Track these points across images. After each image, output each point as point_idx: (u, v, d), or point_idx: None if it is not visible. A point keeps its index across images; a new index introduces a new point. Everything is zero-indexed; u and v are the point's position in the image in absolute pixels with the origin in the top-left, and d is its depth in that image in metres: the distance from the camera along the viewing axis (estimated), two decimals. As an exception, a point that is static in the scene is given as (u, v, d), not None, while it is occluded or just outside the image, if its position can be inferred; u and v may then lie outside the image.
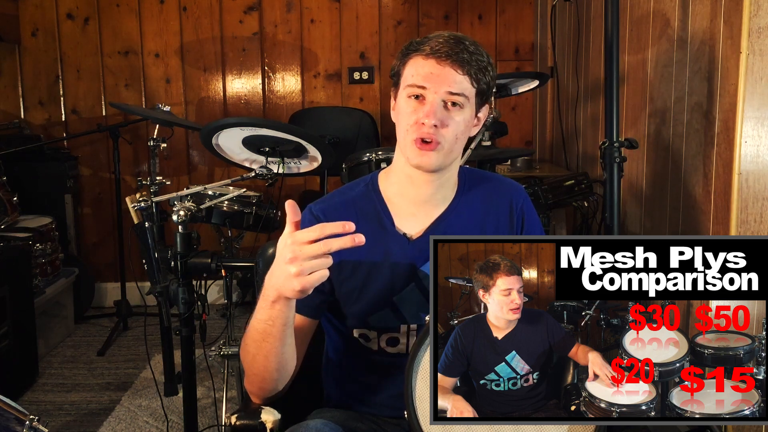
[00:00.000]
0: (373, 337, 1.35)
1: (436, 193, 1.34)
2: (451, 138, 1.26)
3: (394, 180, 1.36)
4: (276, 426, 1.23)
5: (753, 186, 1.77)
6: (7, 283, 2.72)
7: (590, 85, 3.09)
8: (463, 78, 1.25)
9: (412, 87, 1.25)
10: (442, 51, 1.24)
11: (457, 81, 1.24)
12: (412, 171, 1.31)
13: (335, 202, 1.37)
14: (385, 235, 1.33)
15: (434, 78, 1.24)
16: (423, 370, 1.13)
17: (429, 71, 1.24)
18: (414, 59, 1.26)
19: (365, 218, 1.34)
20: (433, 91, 1.24)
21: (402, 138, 1.28)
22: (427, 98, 1.24)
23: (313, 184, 3.94)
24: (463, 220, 1.35)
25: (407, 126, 1.26)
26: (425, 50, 1.25)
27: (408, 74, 1.27)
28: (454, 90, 1.24)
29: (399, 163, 1.34)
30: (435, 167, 1.28)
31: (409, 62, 1.27)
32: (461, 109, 1.26)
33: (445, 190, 1.36)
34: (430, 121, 1.23)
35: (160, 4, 3.92)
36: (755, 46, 1.71)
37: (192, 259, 2.02)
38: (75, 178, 3.88)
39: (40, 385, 2.97)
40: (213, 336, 3.05)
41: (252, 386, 1.29)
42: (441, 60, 1.23)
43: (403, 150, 1.29)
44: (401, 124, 1.28)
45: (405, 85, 1.27)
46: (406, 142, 1.27)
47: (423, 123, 1.24)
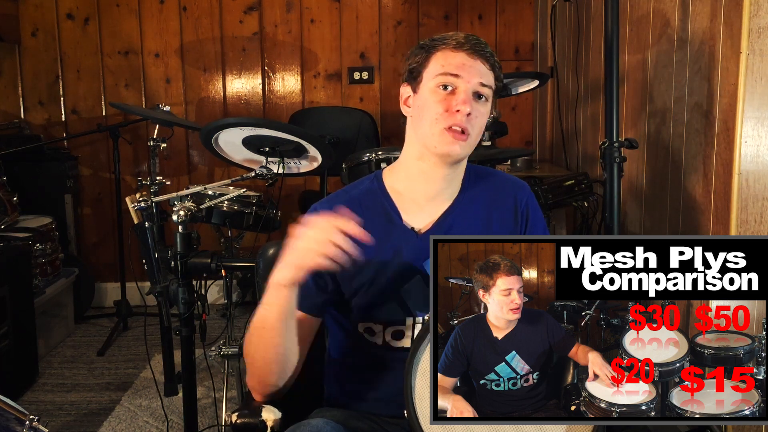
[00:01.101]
0: (379, 330, 1.35)
1: (447, 188, 1.35)
2: (478, 129, 1.29)
3: (402, 176, 1.36)
4: (277, 424, 1.23)
5: (753, 186, 1.77)
6: (7, 283, 2.72)
7: (590, 85, 3.09)
8: (490, 72, 1.28)
9: (444, 76, 1.26)
10: (470, 44, 1.26)
11: (486, 74, 1.27)
12: (426, 165, 1.32)
13: (341, 201, 1.37)
14: (393, 230, 1.34)
15: (467, 68, 1.26)
16: (423, 370, 1.13)
17: (461, 62, 1.26)
18: (442, 51, 1.28)
19: (373, 214, 1.34)
20: (467, 80, 1.25)
21: (429, 127, 1.28)
22: (459, 87, 1.26)
23: (313, 184, 3.93)
24: (470, 214, 1.36)
25: (436, 115, 1.26)
26: (452, 43, 1.27)
27: (437, 65, 1.28)
28: (484, 81, 1.27)
29: (410, 158, 1.34)
30: (461, 157, 1.30)
31: (437, 54, 1.28)
32: (486, 102, 1.29)
33: (455, 185, 1.37)
34: (466, 108, 1.24)
35: (160, 4, 3.92)
36: (755, 46, 1.71)
37: (192, 259, 2.02)
38: (75, 178, 3.88)
39: (40, 385, 2.97)
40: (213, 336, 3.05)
41: (252, 380, 1.30)
42: (471, 53, 1.26)
43: (427, 140, 1.28)
44: (428, 114, 1.28)
45: (435, 74, 1.27)
46: (434, 131, 1.27)
47: (457, 111, 1.24)
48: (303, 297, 1.29)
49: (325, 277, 1.32)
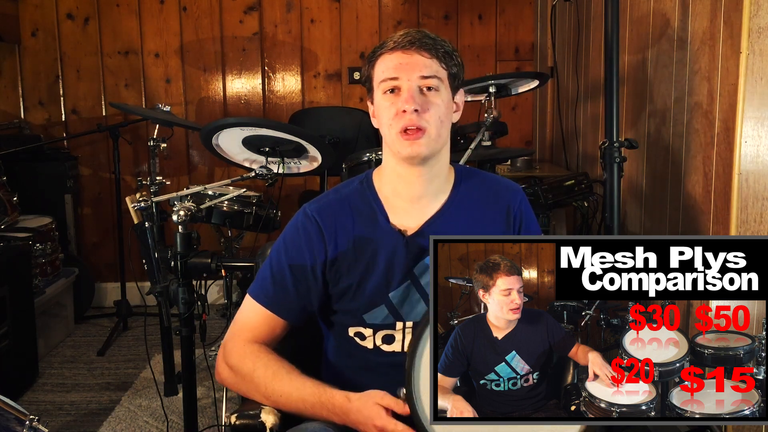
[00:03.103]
0: (369, 335, 1.34)
1: (429, 187, 1.34)
2: (435, 121, 1.27)
3: (386, 180, 1.36)
4: (276, 426, 1.23)
5: (753, 186, 1.77)
6: (7, 283, 2.72)
7: (590, 85, 3.09)
8: (432, 61, 1.27)
9: (385, 81, 1.27)
10: (405, 42, 1.26)
11: (427, 65, 1.26)
12: (402, 169, 1.31)
13: (330, 200, 1.37)
14: (381, 232, 1.33)
15: (404, 66, 1.25)
16: (424, 369, 1.13)
17: (398, 62, 1.26)
18: (381, 57, 1.28)
19: (360, 215, 1.34)
20: (407, 79, 1.25)
21: (387, 134, 1.29)
22: (402, 87, 1.26)
23: (313, 184, 3.93)
24: (460, 217, 1.35)
25: (389, 120, 1.27)
26: (389, 46, 1.27)
27: (378, 72, 1.28)
28: (425, 73, 1.26)
29: (389, 164, 1.34)
30: (426, 155, 1.28)
31: (377, 62, 1.29)
32: (438, 92, 1.27)
33: (439, 183, 1.35)
34: (410, 106, 1.24)
35: (160, 4, 3.92)
36: (755, 46, 1.71)
37: (192, 259, 2.02)
38: (75, 178, 3.88)
39: (40, 385, 2.97)
40: (213, 336, 3.06)
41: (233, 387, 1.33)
42: (406, 49, 1.26)
43: (391, 146, 1.29)
44: (383, 121, 1.29)
45: (379, 82, 1.28)
46: (392, 136, 1.27)
47: (404, 111, 1.24)
48: (281, 302, 1.30)
49: (308, 280, 1.32)
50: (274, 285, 1.33)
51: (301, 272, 1.32)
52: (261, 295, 1.34)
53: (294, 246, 1.34)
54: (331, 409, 1.20)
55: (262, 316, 1.33)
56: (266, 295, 1.33)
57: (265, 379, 1.26)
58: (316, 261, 1.32)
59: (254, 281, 1.37)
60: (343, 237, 1.33)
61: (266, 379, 1.26)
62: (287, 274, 1.33)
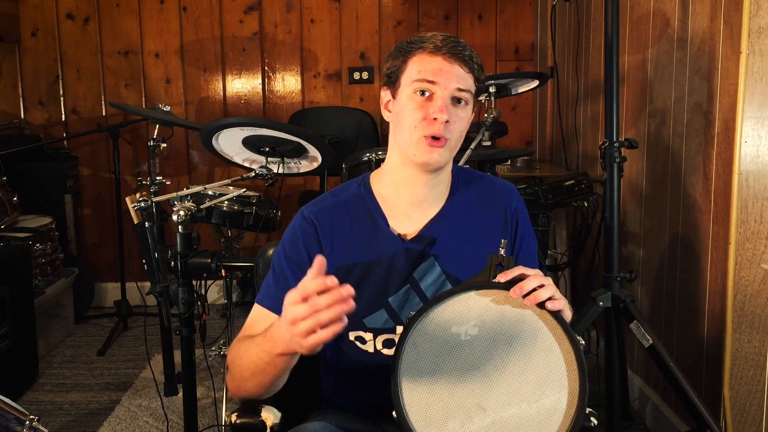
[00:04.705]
0: (369, 339, 1.34)
1: (432, 192, 1.33)
2: (457, 135, 1.26)
3: (388, 181, 1.35)
4: (276, 425, 1.23)
5: (753, 186, 1.77)
6: (7, 283, 2.72)
7: (590, 85, 3.09)
8: (469, 76, 1.25)
9: (420, 82, 1.24)
10: (448, 48, 1.23)
11: (464, 78, 1.24)
12: (409, 171, 1.30)
13: (327, 204, 1.36)
14: (380, 236, 1.32)
15: (444, 74, 1.23)
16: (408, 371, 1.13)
17: (438, 67, 1.23)
18: (419, 56, 1.25)
19: (359, 219, 1.33)
20: (443, 87, 1.23)
21: (407, 135, 1.26)
22: (436, 94, 1.24)
23: (313, 184, 3.94)
24: (458, 221, 1.35)
25: (414, 122, 1.25)
26: (429, 47, 1.24)
27: (413, 70, 1.25)
28: (462, 86, 1.24)
29: (394, 164, 1.33)
30: (441, 164, 1.27)
31: (413, 59, 1.26)
32: (466, 106, 1.27)
33: (440, 190, 1.35)
34: (443, 116, 1.22)
35: (160, 4, 3.92)
36: (755, 46, 1.71)
37: (192, 259, 2.02)
38: (75, 178, 3.88)
39: (40, 385, 2.97)
40: (213, 336, 3.06)
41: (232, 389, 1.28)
42: (448, 57, 1.23)
43: (407, 148, 1.27)
44: (406, 120, 1.26)
45: (411, 81, 1.25)
46: (412, 139, 1.25)
47: (434, 119, 1.22)
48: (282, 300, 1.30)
49: None
50: (276, 286, 1.33)
51: (300, 270, 1.32)
52: (265, 299, 1.34)
53: (293, 246, 1.34)
54: (270, 338, 1.12)
55: (263, 317, 1.33)
56: (269, 297, 1.33)
57: (240, 356, 1.23)
58: None
59: (259, 291, 1.37)
60: (340, 241, 1.32)
61: (240, 353, 1.23)
62: (288, 273, 1.32)
